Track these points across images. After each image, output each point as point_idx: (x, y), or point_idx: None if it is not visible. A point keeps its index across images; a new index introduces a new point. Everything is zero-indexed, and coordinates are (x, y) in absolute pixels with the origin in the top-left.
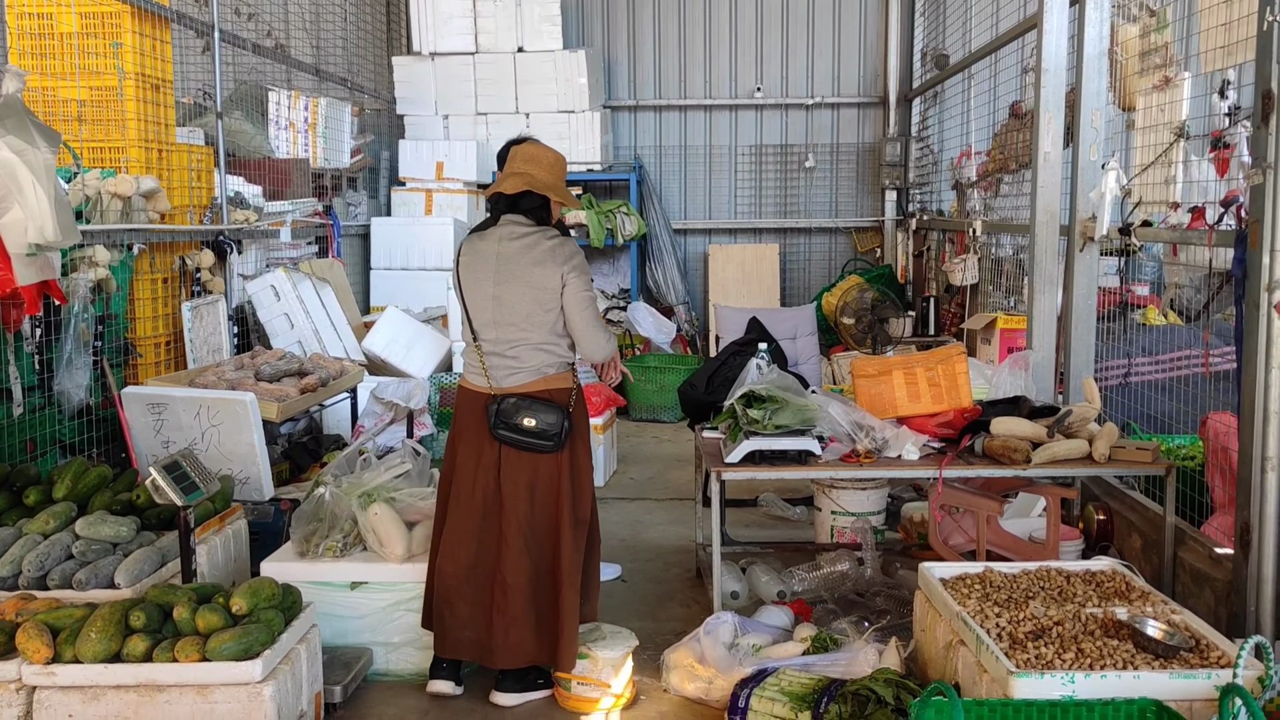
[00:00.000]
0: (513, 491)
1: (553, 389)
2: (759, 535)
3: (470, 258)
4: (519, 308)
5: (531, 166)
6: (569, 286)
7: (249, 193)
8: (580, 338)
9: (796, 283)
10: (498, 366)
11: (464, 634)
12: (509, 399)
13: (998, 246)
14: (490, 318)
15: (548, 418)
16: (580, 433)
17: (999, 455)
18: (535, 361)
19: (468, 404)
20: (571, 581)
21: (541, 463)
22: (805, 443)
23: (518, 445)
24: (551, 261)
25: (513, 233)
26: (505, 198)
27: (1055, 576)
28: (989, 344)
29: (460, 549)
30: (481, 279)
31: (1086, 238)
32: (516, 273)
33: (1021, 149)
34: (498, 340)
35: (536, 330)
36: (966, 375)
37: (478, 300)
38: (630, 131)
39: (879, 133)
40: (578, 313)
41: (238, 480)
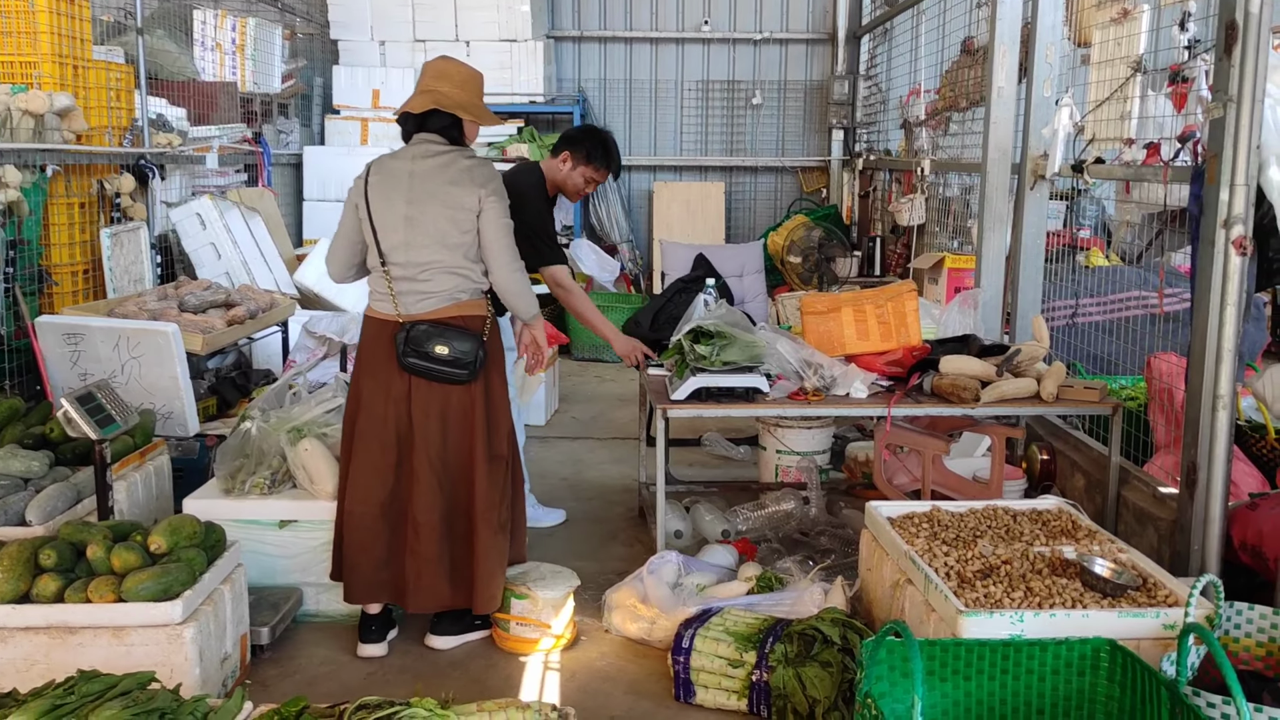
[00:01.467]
0: (424, 424)
1: (466, 315)
2: (703, 475)
3: (380, 177)
4: (433, 228)
5: (440, 83)
6: (487, 210)
7: (172, 116)
8: (494, 266)
9: (742, 222)
10: (407, 292)
11: (380, 576)
12: (419, 325)
13: (945, 186)
14: (401, 239)
15: (461, 345)
16: (496, 363)
17: (947, 394)
18: (447, 285)
19: (374, 334)
20: (487, 520)
21: (454, 394)
22: (753, 380)
23: (429, 375)
24: (469, 181)
25: (427, 151)
26: (413, 118)
27: (1002, 516)
28: (936, 284)
29: (373, 487)
30: (393, 199)
31: (1037, 175)
32: (431, 190)
33: (972, 86)
34: (408, 264)
35: (450, 253)
36: (916, 313)
37: (388, 221)
38: (574, 63)
39: (827, 70)
40: (494, 239)
41: (160, 415)
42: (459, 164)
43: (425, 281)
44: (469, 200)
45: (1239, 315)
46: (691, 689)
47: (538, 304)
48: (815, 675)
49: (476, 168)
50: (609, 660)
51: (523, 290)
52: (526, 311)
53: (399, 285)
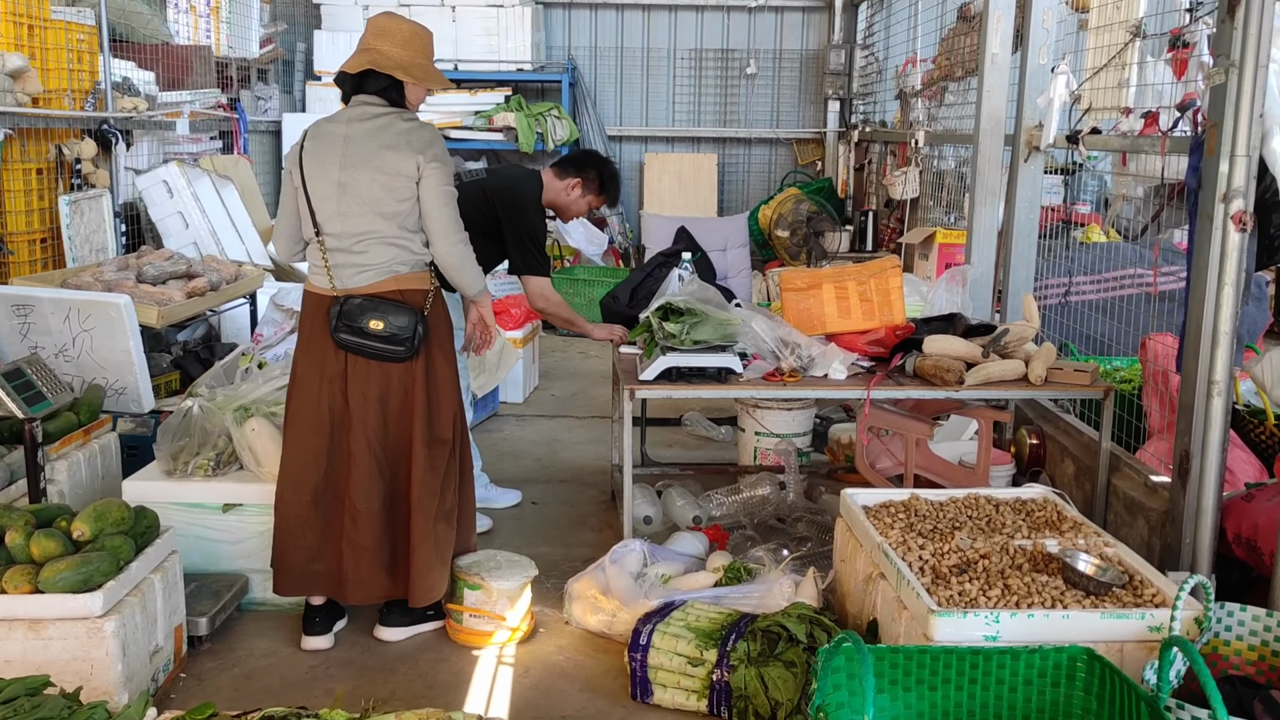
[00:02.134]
0: (361, 406)
1: (405, 289)
2: (681, 456)
3: (315, 142)
4: (367, 195)
5: (381, 41)
6: (427, 178)
7: (140, 79)
8: (434, 238)
9: (735, 195)
10: (342, 265)
11: (314, 567)
12: (353, 300)
13: (940, 159)
14: (335, 208)
15: (398, 320)
16: (439, 339)
17: (931, 376)
18: (384, 257)
19: (310, 308)
20: (424, 507)
21: (394, 373)
22: (726, 359)
23: (364, 352)
24: (406, 146)
25: (363, 113)
26: (351, 78)
27: (984, 505)
28: (927, 259)
29: (307, 472)
30: (327, 164)
31: (1032, 146)
32: (365, 155)
33: (969, 55)
34: (343, 234)
35: (387, 223)
36: (900, 290)
37: (321, 188)
38: (564, 30)
39: (823, 39)
40: (434, 209)
41: (113, 390)
42: (395, 127)
43: (360, 253)
44: (406, 166)
45: (1237, 295)
46: (649, 688)
47: (483, 278)
48: (778, 676)
49: (415, 131)
50: (567, 655)
51: (464, 263)
52: (470, 286)
53: (334, 257)
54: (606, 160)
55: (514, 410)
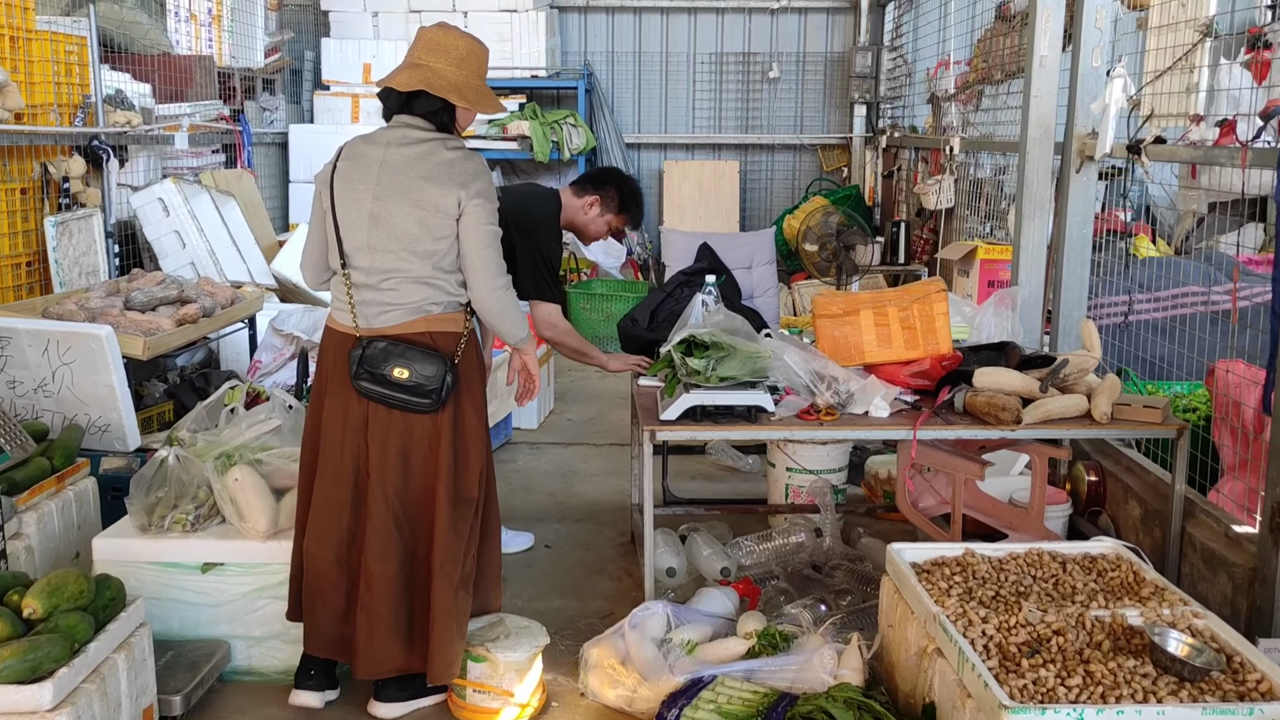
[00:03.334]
0: (381, 459)
1: (436, 332)
2: (705, 490)
3: (350, 164)
4: (401, 231)
5: (435, 57)
6: (469, 215)
7: (135, 92)
8: (474, 281)
9: (757, 203)
10: (369, 302)
11: (338, 630)
12: (377, 342)
13: (976, 167)
14: (365, 240)
15: (425, 369)
16: (469, 389)
17: (983, 413)
18: (415, 297)
19: (333, 347)
20: (447, 575)
21: (416, 424)
22: (755, 397)
23: (384, 402)
24: (449, 179)
25: (405, 137)
26: (397, 95)
27: (1049, 563)
28: (967, 276)
29: (330, 526)
30: (359, 191)
31: (1084, 156)
32: (402, 186)
33: (1008, 56)
34: (371, 269)
35: (420, 261)
36: (946, 317)
37: (351, 218)
38: (580, 35)
39: (849, 41)
40: (476, 251)
41: (96, 428)
42: (439, 156)
43: (389, 291)
44: (446, 201)
45: None
46: None
47: (526, 325)
48: None
49: (460, 162)
50: None
51: (506, 310)
52: (513, 334)
53: (360, 293)
54: (627, 177)
55: (528, 437)
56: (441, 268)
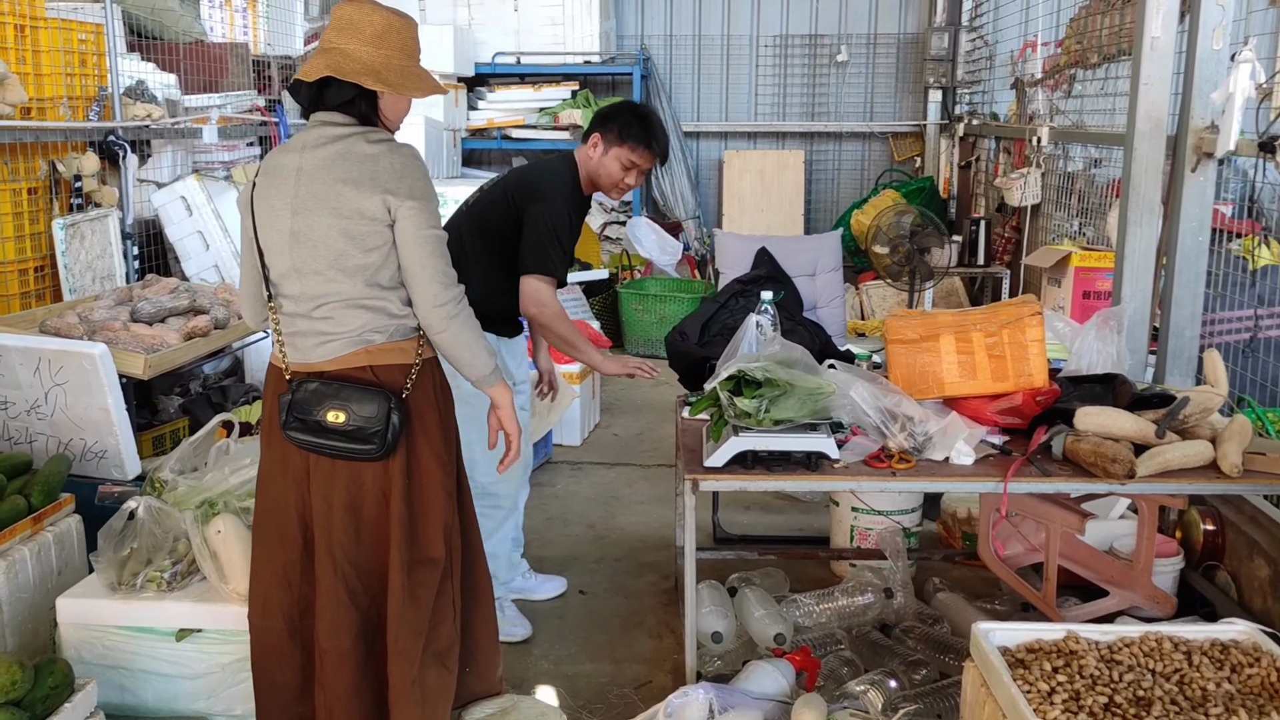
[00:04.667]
0: (326, 516)
1: (379, 365)
2: (760, 523)
3: (267, 179)
4: (325, 247)
5: (346, 38)
6: (403, 220)
7: (159, 83)
8: (418, 299)
9: (823, 195)
10: (303, 334)
11: (295, 710)
12: (306, 384)
13: (1066, 159)
14: (289, 263)
15: (363, 409)
16: (425, 430)
17: (1088, 463)
18: (352, 325)
19: (270, 389)
20: (404, 652)
21: (365, 474)
22: (816, 441)
23: (320, 451)
24: (370, 180)
25: (321, 136)
26: (306, 88)
27: (1171, 653)
28: (1059, 285)
29: (278, 592)
30: (277, 207)
31: (1202, 153)
32: (320, 194)
33: (1106, 38)
34: (301, 296)
35: (351, 281)
36: (1041, 345)
37: (273, 239)
38: (636, 18)
39: (924, 21)
40: (416, 261)
41: (92, 454)
42: (357, 151)
43: (323, 320)
44: (370, 206)
45: None
46: None
47: (491, 356)
48: None
49: (384, 157)
50: None
51: (460, 333)
52: (471, 367)
53: (291, 325)
54: (631, 103)
55: (569, 455)
56: (379, 285)
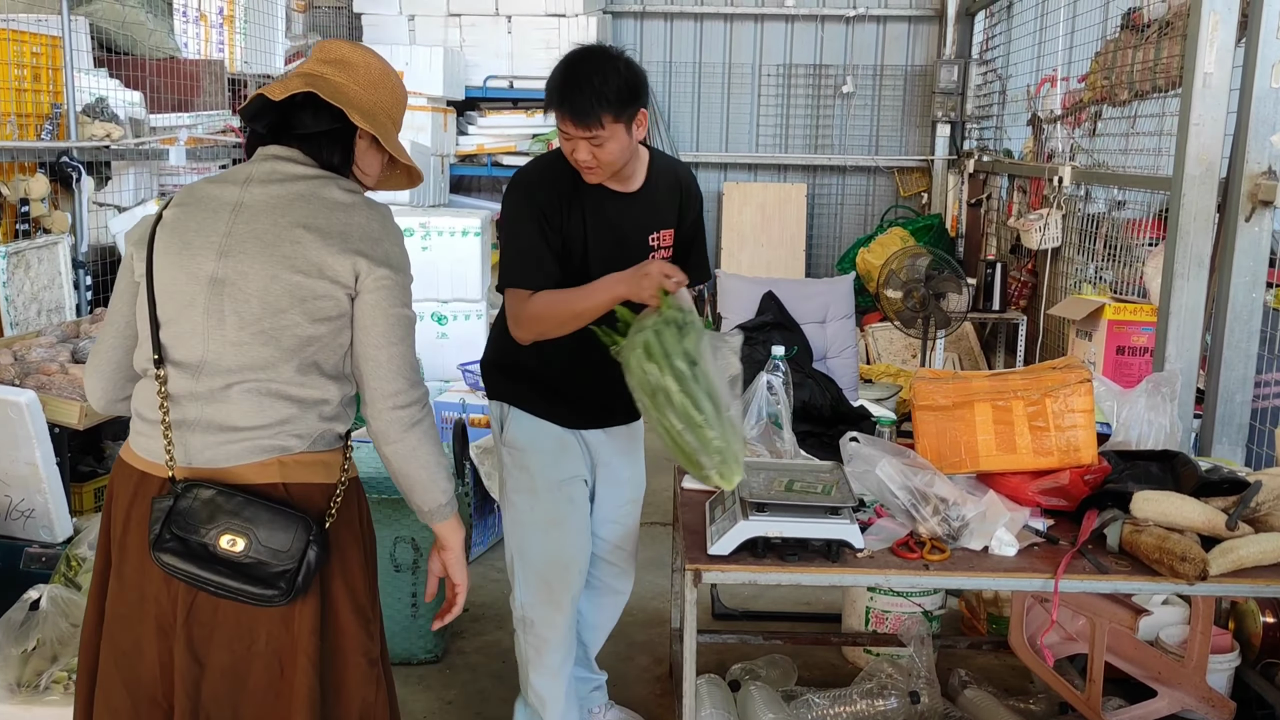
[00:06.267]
0: (194, 682)
1: (295, 482)
2: (766, 595)
3: (184, 211)
4: (257, 303)
5: (335, 70)
6: (372, 292)
7: (122, 101)
8: (372, 394)
9: (826, 230)
10: (194, 423)
11: None
12: (199, 489)
13: (1088, 201)
14: (199, 320)
15: (273, 537)
16: (346, 573)
17: (1151, 559)
18: (267, 420)
19: (127, 493)
20: None
21: (260, 629)
22: (838, 528)
23: (201, 586)
24: (341, 235)
25: (274, 172)
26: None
27: None
28: (1088, 339)
29: None
30: (196, 245)
31: (1258, 201)
32: (267, 237)
33: (1139, 73)
34: (203, 366)
35: (283, 358)
36: (1090, 415)
37: (180, 285)
38: (635, 43)
39: (933, 53)
40: (381, 347)
41: (18, 513)
42: (327, 196)
43: (228, 405)
44: (337, 266)
45: None
46: None
47: (449, 483)
48: None
49: (360, 209)
50: None
51: (421, 445)
52: (429, 492)
53: (181, 408)
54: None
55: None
56: (319, 370)
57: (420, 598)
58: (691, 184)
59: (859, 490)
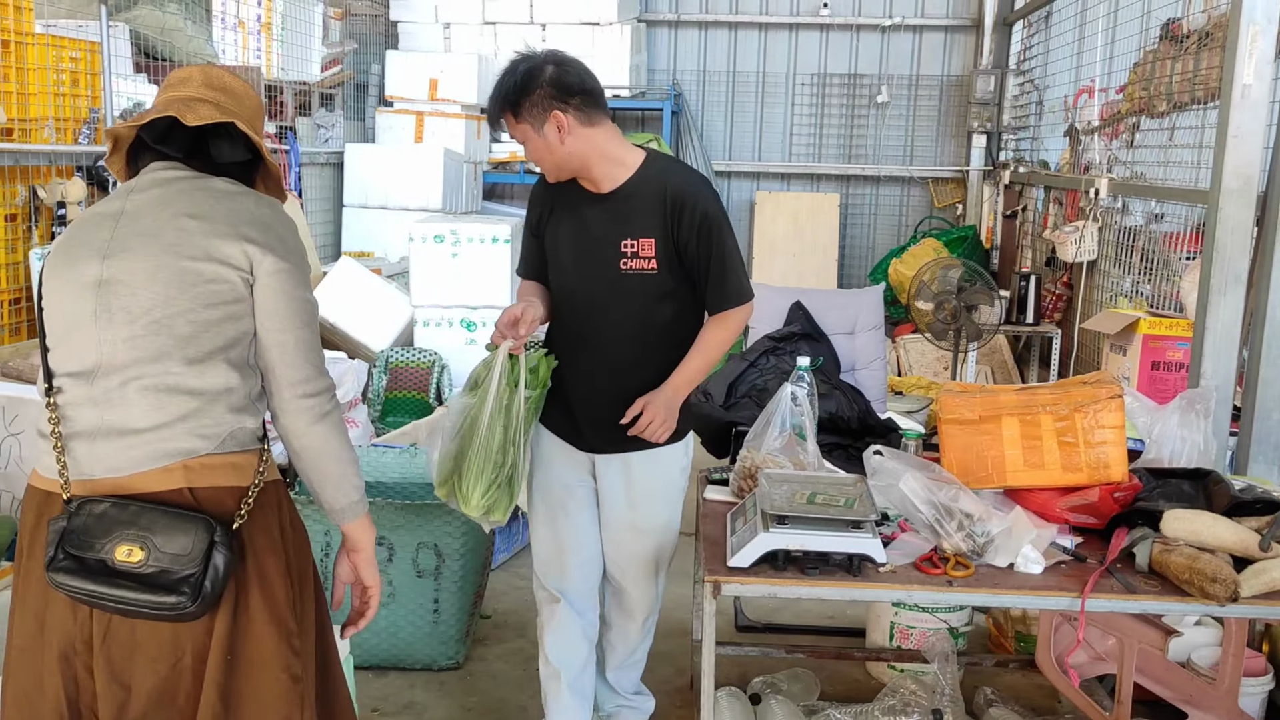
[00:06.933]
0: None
1: (202, 487)
2: (789, 606)
3: (70, 232)
4: (145, 294)
5: (230, 100)
6: (269, 277)
7: None
8: (276, 383)
9: (859, 240)
10: (87, 434)
11: None
12: (92, 505)
13: (1125, 213)
14: (89, 328)
15: (170, 542)
16: (263, 580)
17: (1181, 579)
18: (165, 418)
19: (31, 514)
20: None
21: (186, 643)
22: (860, 542)
23: (100, 604)
24: (227, 219)
25: (156, 179)
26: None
27: None
28: (1122, 354)
29: None
30: (79, 256)
31: None
32: (149, 230)
33: (1178, 85)
34: (97, 371)
35: (175, 349)
36: (1122, 432)
37: (66, 301)
38: (669, 52)
39: (969, 63)
40: (287, 331)
41: None
42: (210, 188)
43: (125, 404)
44: (225, 249)
45: None
46: None
47: (359, 479)
48: None
49: (245, 198)
50: None
51: (332, 438)
52: (339, 489)
53: (74, 419)
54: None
55: None
56: (223, 359)
57: (443, 603)
58: (685, 199)
59: (882, 504)
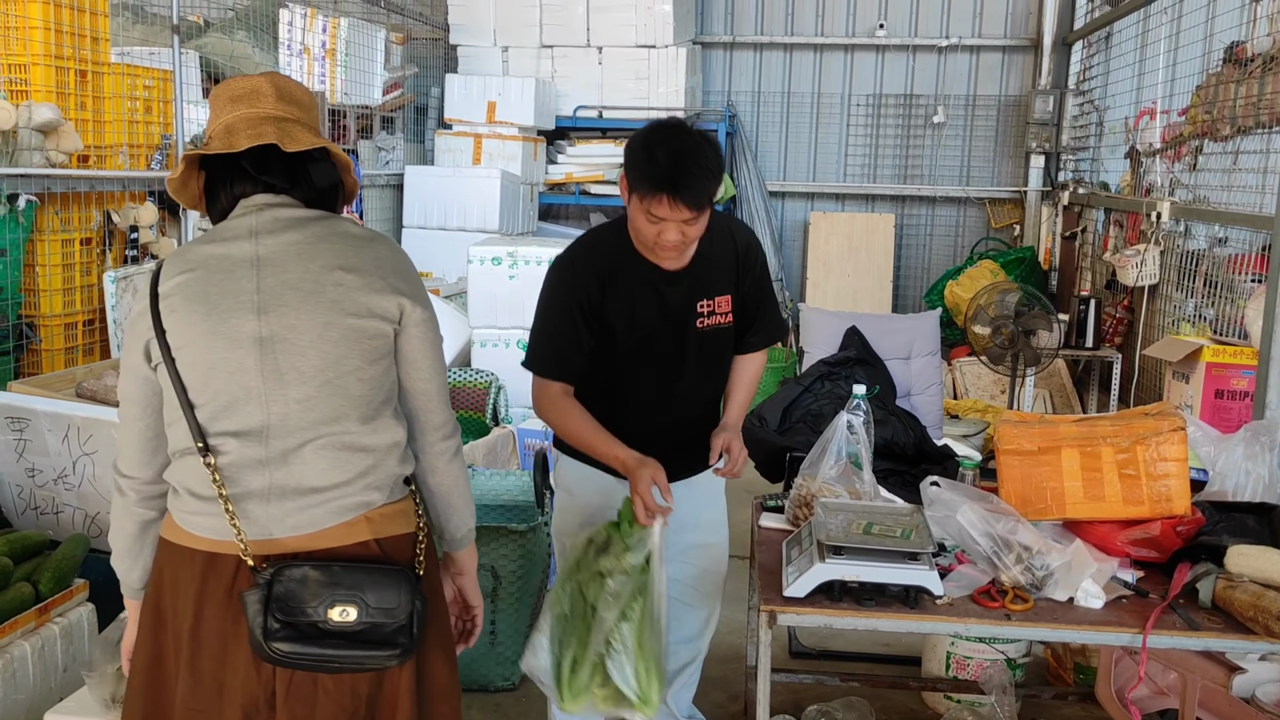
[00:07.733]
0: None
1: (386, 537)
2: (844, 632)
3: (196, 275)
4: (315, 354)
5: (295, 108)
6: (417, 327)
7: None
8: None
9: (914, 262)
10: (261, 495)
11: None
12: (291, 570)
13: (1188, 237)
14: (255, 386)
15: (382, 598)
16: (438, 623)
17: (1245, 616)
18: (346, 477)
19: (191, 576)
20: None
21: (361, 686)
22: (917, 574)
23: (327, 666)
24: (376, 271)
25: (278, 220)
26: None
27: None
28: (1185, 381)
29: None
30: (225, 308)
31: None
32: (303, 284)
33: (1242, 108)
34: (270, 431)
35: (348, 407)
36: (1184, 465)
37: (218, 354)
38: (724, 73)
39: (1027, 83)
40: (432, 379)
41: None
42: (348, 233)
43: (302, 464)
44: (383, 305)
45: None
46: None
47: (474, 511)
48: None
49: (381, 243)
50: None
51: (463, 474)
52: (464, 519)
53: (243, 477)
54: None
55: None
56: (386, 413)
57: (499, 625)
58: (752, 252)
59: (939, 535)
